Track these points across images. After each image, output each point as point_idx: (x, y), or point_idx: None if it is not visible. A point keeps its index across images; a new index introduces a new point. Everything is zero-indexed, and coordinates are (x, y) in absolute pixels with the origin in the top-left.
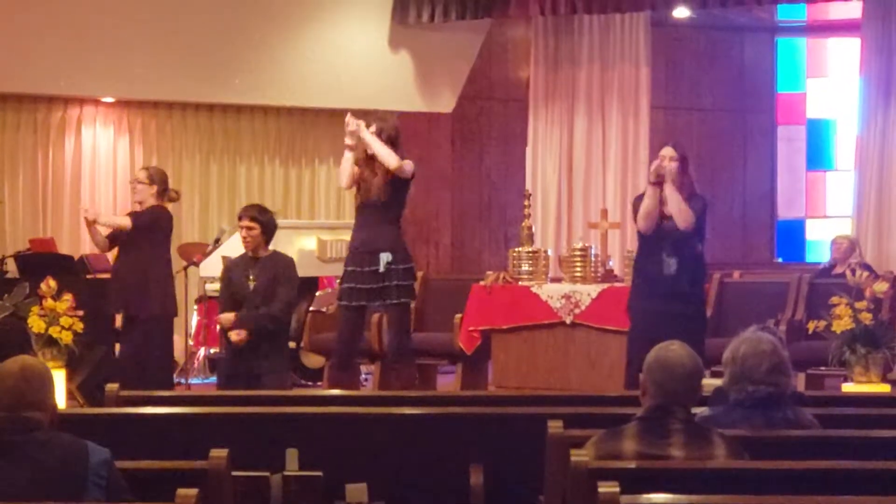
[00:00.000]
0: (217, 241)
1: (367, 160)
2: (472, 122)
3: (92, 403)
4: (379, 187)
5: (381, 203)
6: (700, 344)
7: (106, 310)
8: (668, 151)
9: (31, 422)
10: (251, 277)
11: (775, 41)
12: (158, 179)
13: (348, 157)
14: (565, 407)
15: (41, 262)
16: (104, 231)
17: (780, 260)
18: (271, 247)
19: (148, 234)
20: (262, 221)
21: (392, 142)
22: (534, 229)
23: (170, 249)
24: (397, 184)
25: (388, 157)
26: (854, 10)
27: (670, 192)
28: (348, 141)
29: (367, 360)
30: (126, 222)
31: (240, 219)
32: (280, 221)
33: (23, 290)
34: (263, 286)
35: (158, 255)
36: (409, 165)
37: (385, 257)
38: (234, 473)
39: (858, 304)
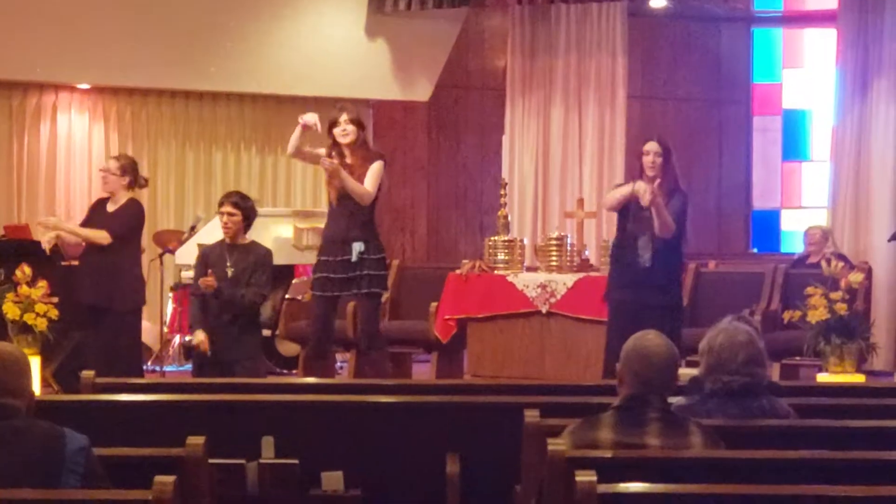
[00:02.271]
0: (193, 229)
1: (340, 153)
2: (448, 111)
3: (67, 390)
4: (360, 179)
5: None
6: (676, 334)
7: (79, 299)
8: (653, 146)
9: (9, 409)
10: (229, 265)
11: (751, 31)
12: (130, 169)
13: (300, 131)
14: (541, 396)
15: (16, 248)
16: (73, 239)
17: (755, 250)
18: (250, 236)
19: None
20: (244, 208)
21: (362, 126)
22: (510, 218)
23: (141, 241)
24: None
25: (360, 195)
26: (830, 1)
27: (656, 210)
28: (308, 121)
29: (342, 349)
30: (103, 238)
31: (221, 205)
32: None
33: None
34: (240, 274)
35: (130, 248)
36: (370, 196)
37: (357, 247)
38: (211, 461)
39: (833, 295)
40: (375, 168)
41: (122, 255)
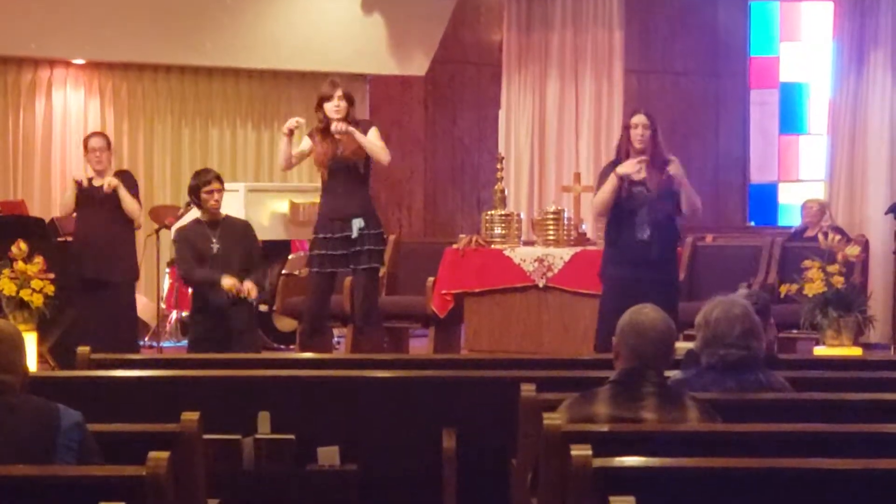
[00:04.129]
0: (189, 204)
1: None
2: (444, 86)
3: (63, 366)
4: (354, 151)
5: (354, 166)
6: (673, 309)
7: (77, 272)
8: (641, 119)
9: (2, 385)
10: (214, 241)
11: (748, 4)
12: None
13: (286, 141)
14: (538, 370)
15: (12, 225)
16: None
17: (752, 224)
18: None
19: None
20: (222, 181)
21: (353, 101)
22: (507, 192)
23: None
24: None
25: (381, 153)
26: None
27: (684, 187)
28: (289, 128)
29: (340, 324)
30: (138, 212)
31: (207, 183)
32: (252, 185)
33: None
34: (226, 249)
35: (125, 218)
36: (387, 153)
37: (358, 223)
38: (206, 436)
39: (830, 268)
40: (375, 131)
41: (120, 227)
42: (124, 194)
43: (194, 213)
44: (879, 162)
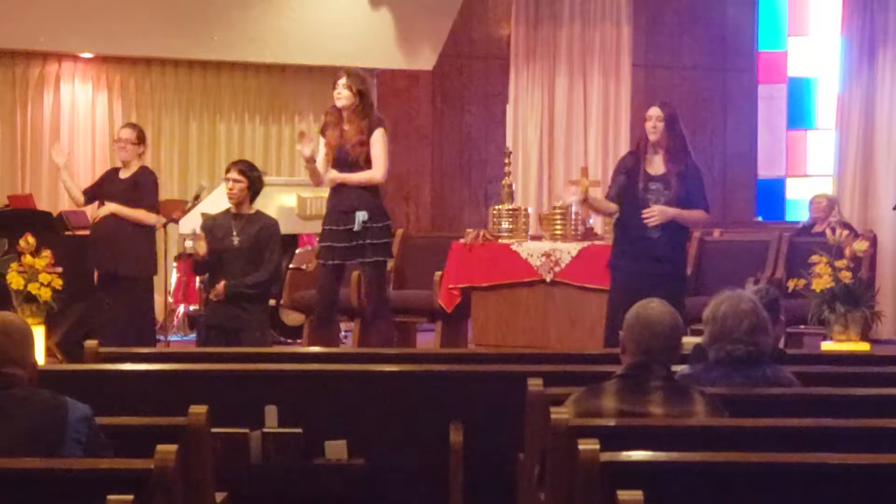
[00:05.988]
0: (196, 198)
1: (338, 120)
2: (452, 80)
3: (71, 360)
4: (354, 147)
5: (358, 159)
6: (680, 304)
7: (87, 266)
8: (654, 112)
9: (11, 378)
10: (234, 234)
11: None
12: (144, 139)
13: (311, 167)
14: (545, 365)
15: (20, 218)
16: (74, 189)
17: (760, 219)
18: (255, 206)
19: (139, 199)
20: (250, 177)
21: (361, 94)
22: (514, 187)
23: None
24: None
25: (370, 180)
26: None
27: (678, 214)
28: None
29: (347, 318)
30: (149, 218)
31: (227, 171)
32: None
33: (1, 246)
34: (246, 244)
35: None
36: (379, 176)
37: (360, 216)
38: (214, 430)
39: (838, 263)
40: (378, 141)
41: (134, 222)
42: (125, 212)
43: (202, 208)
44: (888, 157)
